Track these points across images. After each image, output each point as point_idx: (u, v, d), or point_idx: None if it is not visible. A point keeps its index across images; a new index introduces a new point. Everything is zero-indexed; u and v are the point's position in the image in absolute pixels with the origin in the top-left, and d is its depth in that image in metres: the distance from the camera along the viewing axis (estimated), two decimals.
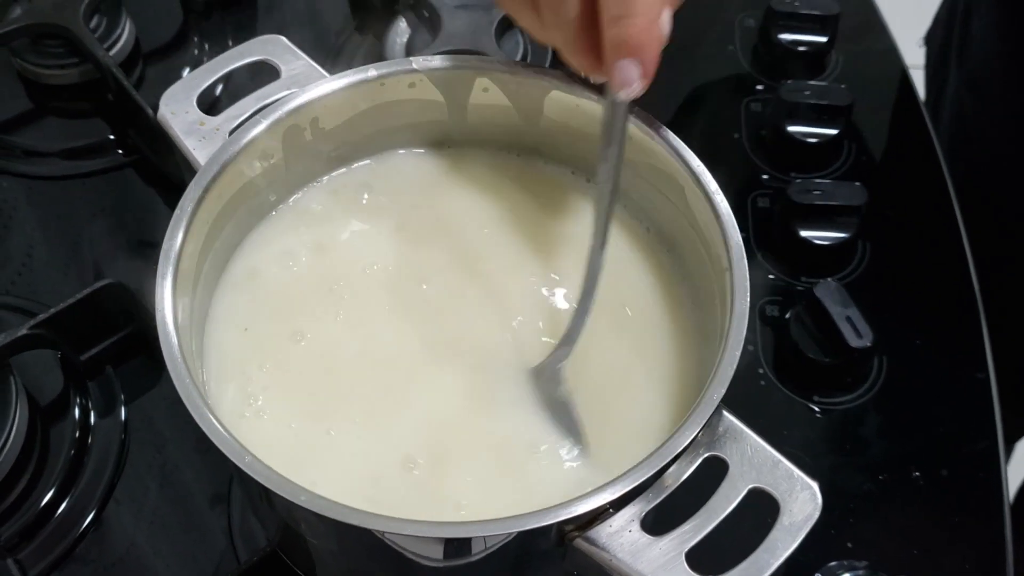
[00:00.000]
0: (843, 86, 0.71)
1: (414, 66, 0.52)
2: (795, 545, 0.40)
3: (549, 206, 0.55)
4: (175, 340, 0.42)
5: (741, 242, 0.46)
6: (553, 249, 0.54)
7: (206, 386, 0.48)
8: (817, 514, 0.41)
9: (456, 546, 0.42)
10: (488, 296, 0.52)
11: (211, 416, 0.41)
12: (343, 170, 0.55)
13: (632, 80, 0.45)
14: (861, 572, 0.54)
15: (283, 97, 0.51)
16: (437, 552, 0.43)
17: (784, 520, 0.41)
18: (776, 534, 0.40)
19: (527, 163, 0.57)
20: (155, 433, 0.60)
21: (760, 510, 0.41)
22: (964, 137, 0.86)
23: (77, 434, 0.59)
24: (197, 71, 0.53)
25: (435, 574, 0.45)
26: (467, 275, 0.53)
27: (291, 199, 0.55)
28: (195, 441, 0.59)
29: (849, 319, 0.60)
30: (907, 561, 0.56)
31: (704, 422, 0.41)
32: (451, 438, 0.48)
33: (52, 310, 0.58)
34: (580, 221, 0.54)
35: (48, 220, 0.70)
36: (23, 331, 0.57)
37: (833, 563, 0.55)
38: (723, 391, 0.42)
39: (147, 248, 0.67)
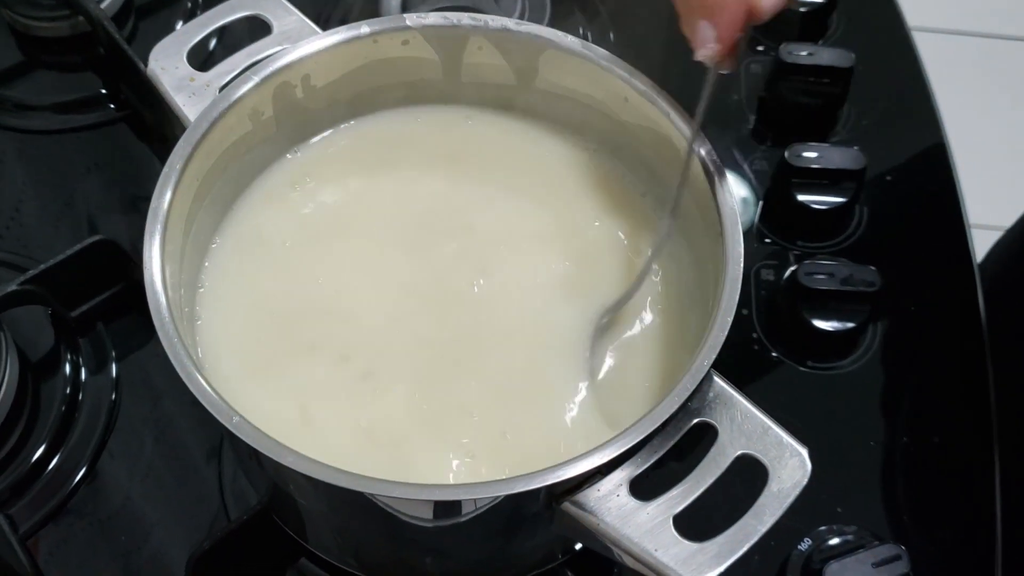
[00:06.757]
0: (844, 49, 0.70)
1: (408, 23, 0.51)
2: (782, 511, 0.40)
3: (542, 169, 0.55)
4: (163, 300, 0.42)
5: (735, 208, 0.46)
6: (542, 211, 0.53)
7: (199, 342, 0.48)
8: (805, 481, 0.41)
9: (445, 507, 0.42)
10: (475, 256, 0.52)
11: (199, 376, 0.41)
12: (335, 127, 0.55)
13: (706, 41, 0.45)
14: (850, 537, 0.54)
15: (274, 53, 0.50)
16: (427, 512, 0.43)
17: (772, 486, 0.41)
18: (764, 500, 0.40)
19: (522, 124, 0.56)
20: (147, 389, 0.60)
21: (749, 475, 0.41)
22: None
23: (68, 390, 0.59)
24: (187, 26, 0.53)
25: (425, 534, 0.45)
26: (454, 235, 0.52)
27: (284, 156, 0.54)
28: (187, 397, 0.59)
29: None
30: (896, 527, 0.56)
31: (694, 388, 0.41)
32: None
33: (42, 266, 0.58)
34: (572, 184, 0.54)
35: (39, 174, 0.69)
36: (13, 287, 0.56)
37: (822, 528, 0.55)
38: (713, 356, 0.42)
39: (140, 203, 0.66)
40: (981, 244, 0.69)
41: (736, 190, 0.68)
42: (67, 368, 0.59)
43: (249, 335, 0.49)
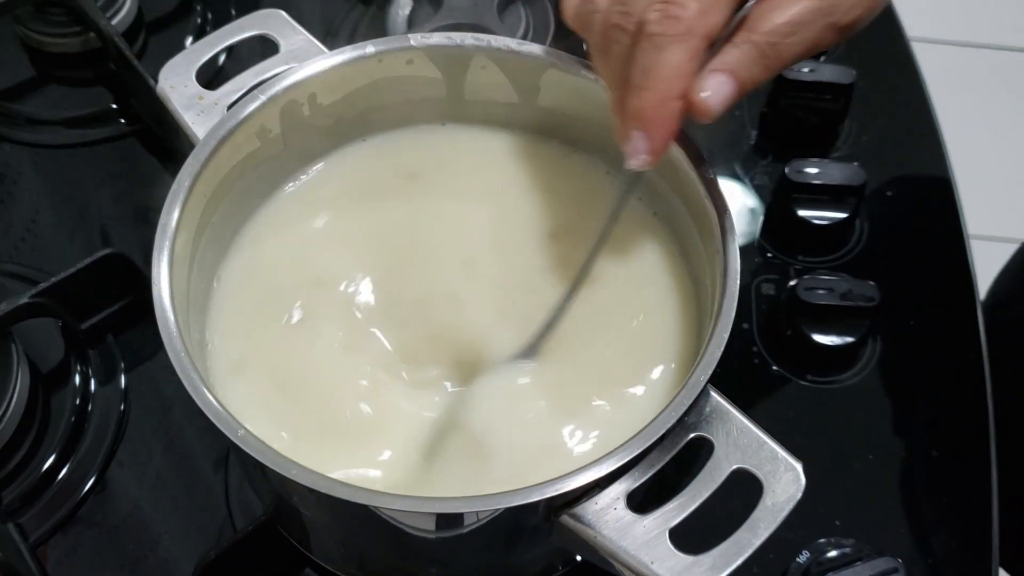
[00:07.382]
0: (845, 65, 0.71)
1: (412, 43, 0.52)
2: (776, 525, 0.41)
3: (546, 185, 0.55)
4: (171, 316, 0.43)
5: (733, 225, 0.46)
6: (548, 228, 0.54)
7: (207, 349, 0.49)
8: (799, 495, 0.41)
9: (447, 519, 0.42)
10: (482, 276, 0.52)
11: (205, 390, 0.41)
12: (342, 147, 0.56)
13: (638, 152, 0.45)
14: (848, 550, 0.55)
15: (281, 72, 0.51)
16: (429, 524, 0.43)
17: (767, 500, 0.41)
18: (759, 514, 0.41)
19: (524, 141, 0.57)
20: (156, 400, 0.61)
21: (744, 489, 0.42)
22: None
23: (78, 401, 0.60)
24: (196, 45, 0.53)
25: (427, 546, 0.46)
26: (461, 254, 0.53)
27: (290, 174, 0.55)
28: (195, 408, 0.60)
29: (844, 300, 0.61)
30: (894, 540, 0.57)
31: (691, 403, 0.42)
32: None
33: (53, 279, 0.59)
34: (578, 201, 0.55)
35: (51, 188, 0.70)
36: (24, 299, 0.57)
37: (821, 540, 0.56)
38: (710, 372, 0.42)
39: (152, 215, 0.67)
40: (981, 257, 0.70)
41: (745, 200, 0.69)
42: (77, 379, 0.60)
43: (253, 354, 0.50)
